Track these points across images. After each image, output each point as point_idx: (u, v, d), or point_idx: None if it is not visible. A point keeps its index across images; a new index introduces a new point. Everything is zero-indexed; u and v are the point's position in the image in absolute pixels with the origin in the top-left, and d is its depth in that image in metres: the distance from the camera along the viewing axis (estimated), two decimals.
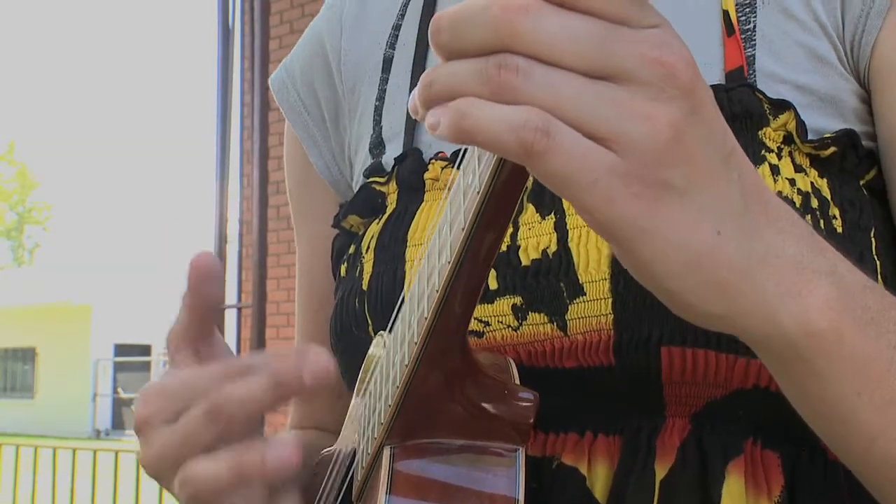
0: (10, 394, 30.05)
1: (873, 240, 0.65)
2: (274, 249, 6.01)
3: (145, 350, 28.34)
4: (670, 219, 0.45)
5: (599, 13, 0.44)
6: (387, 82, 0.83)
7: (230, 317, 6.19)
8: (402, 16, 0.84)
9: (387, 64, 0.83)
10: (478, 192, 0.50)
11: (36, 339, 29.23)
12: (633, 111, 0.44)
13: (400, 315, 0.63)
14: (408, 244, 0.73)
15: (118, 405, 28.11)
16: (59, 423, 26.53)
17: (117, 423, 27.73)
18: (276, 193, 5.46)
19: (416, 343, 0.57)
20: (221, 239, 5.84)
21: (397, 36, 0.84)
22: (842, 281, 0.50)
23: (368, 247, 0.76)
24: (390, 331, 0.65)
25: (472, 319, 0.59)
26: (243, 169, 6.15)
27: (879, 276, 0.64)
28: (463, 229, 0.51)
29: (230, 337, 5.97)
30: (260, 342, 5.67)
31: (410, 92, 0.78)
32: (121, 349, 28.32)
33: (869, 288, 0.52)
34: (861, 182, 0.66)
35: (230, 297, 6.07)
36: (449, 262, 0.53)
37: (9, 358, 30.23)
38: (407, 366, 0.58)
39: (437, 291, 0.54)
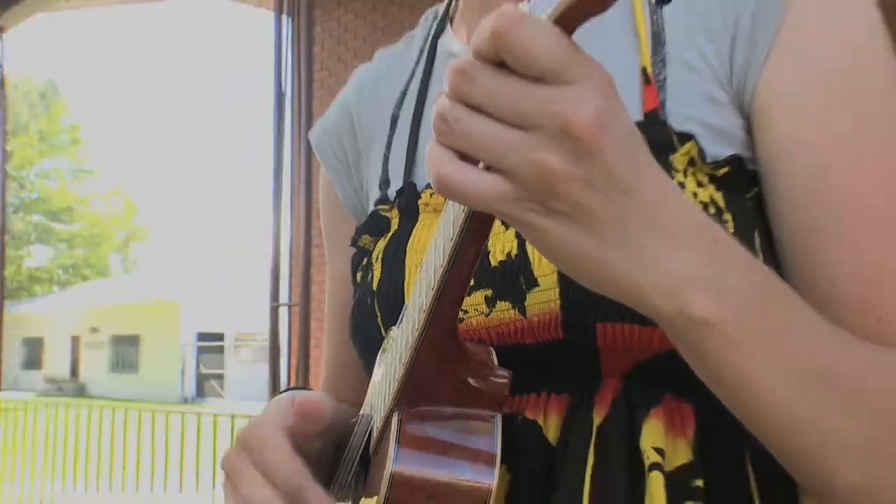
0: (121, 370, 30.12)
1: (757, 237, 0.64)
2: (316, 260, 6.02)
3: (220, 337, 28.35)
4: (558, 228, 0.46)
5: (524, 72, 0.44)
6: (393, 136, 0.83)
7: (283, 312, 6.18)
8: (408, 83, 0.84)
9: (394, 121, 0.83)
10: (461, 217, 0.50)
11: (139, 328, 29.31)
12: (530, 157, 0.44)
13: (405, 311, 0.63)
14: (407, 254, 0.73)
15: (200, 379, 28.19)
16: (156, 392, 26.58)
17: (200, 392, 27.81)
18: (317, 218, 5.47)
19: (418, 330, 0.57)
20: (276, 252, 5.87)
21: (403, 100, 0.84)
22: (725, 283, 0.50)
23: (378, 258, 0.76)
24: (399, 324, 0.65)
25: None
26: (293, 199, 6.15)
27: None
28: (452, 240, 0.52)
29: (283, 328, 5.95)
30: (305, 332, 5.66)
31: (409, 142, 0.79)
32: (202, 336, 28.36)
33: (758, 287, 0.52)
34: (747, 196, 0.65)
35: (283, 296, 6.05)
36: (442, 267, 0.53)
37: (120, 343, 30.30)
38: (411, 349, 0.58)
39: (433, 289, 0.54)
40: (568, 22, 0.44)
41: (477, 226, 0.51)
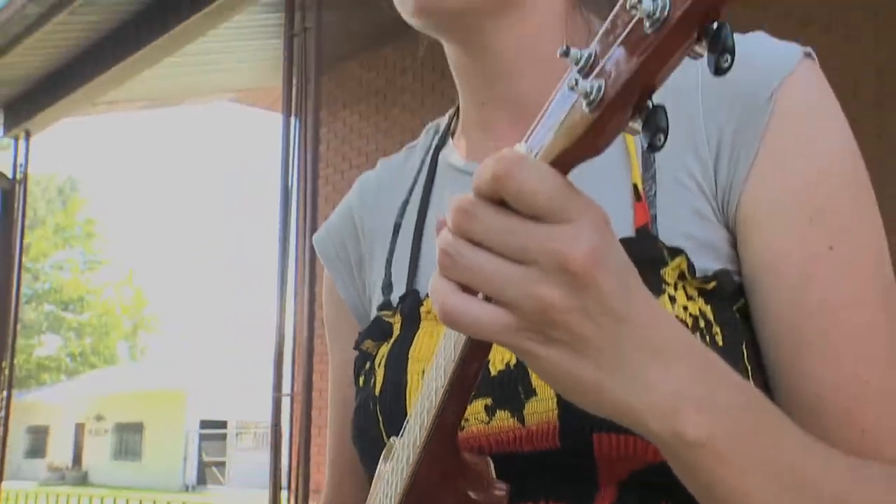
0: (124, 457, 29.61)
1: (745, 350, 0.64)
2: (319, 349, 5.96)
3: (222, 424, 27.96)
4: (556, 356, 0.47)
5: (523, 211, 0.46)
6: (395, 242, 0.83)
7: (285, 402, 6.10)
8: (410, 193, 0.85)
9: (396, 229, 0.84)
10: (462, 340, 0.51)
11: (144, 416, 28.93)
12: (529, 291, 0.46)
13: (407, 423, 0.62)
14: (409, 361, 0.72)
15: (202, 466, 27.69)
16: (158, 479, 26.07)
17: (201, 480, 27.28)
18: (320, 308, 5.45)
19: (419, 446, 0.57)
20: (280, 343, 5.81)
21: (405, 209, 0.84)
22: (715, 402, 0.50)
23: (380, 363, 0.75)
24: (400, 435, 0.64)
25: None
26: (297, 291, 6.14)
27: (750, 377, 0.64)
28: (453, 361, 0.52)
29: (285, 417, 5.87)
30: (306, 421, 5.57)
31: (411, 250, 0.80)
32: (204, 423, 27.96)
33: (747, 407, 0.52)
34: (734, 307, 0.66)
35: (286, 386, 5.98)
36: (443, 388, 0.53)
37: (123, 430, 29.86)
38: (412, 463, 0.58)
39: (434, 408, 0.54)
40: (563, 163, 0.46)
41: (477, 348, 0.51)
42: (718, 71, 0.42)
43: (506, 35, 0.74)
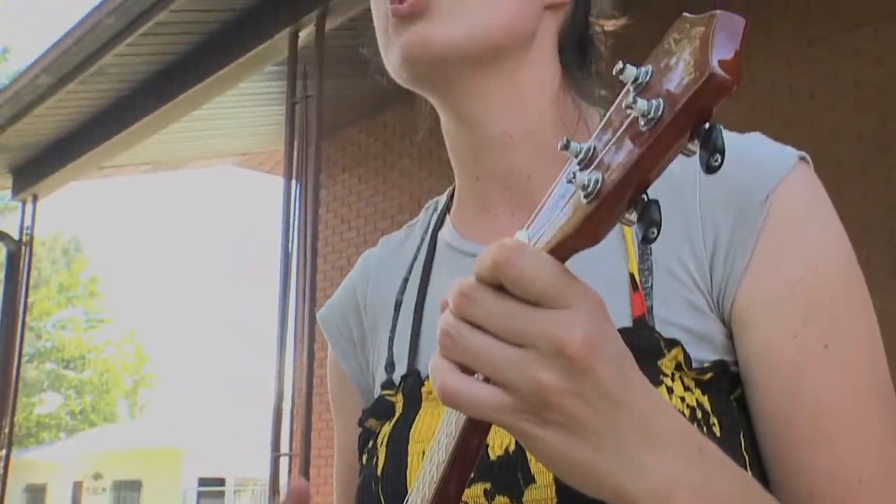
0: None
1: (742, 440, 0.64)
2: (317, 408, 5.91)
3: (221, 482, 27.47)
4: (553, 437, 0.47)
5: (523, 297, 0.47)
6: (397, 319, 0.83)
7: (283, 461, 6.01)
8: (410, 271, 0.86)
9: (397, 306, 0.84)
10: (463, 418, 0.52)
11: (142, 474, 28.41)
12: (526, 373, 0.46)
13: (408, 500, 0.61)
14: (410, 441, 0.73)
15: None
16: None
17: None
18: (319, 367, 5.43)
19: None
20: (278, 402, 5.75)
21: (405, 286, 0.85)
22: (710, 489, 0.50)
23: (382, 442, 0.75)
24: None
25: None
26: (296, 351, 6.11)
27: (748, 466, 0.63)
28: (454, 438, 0.52)
29: (283, 475, 5.77)
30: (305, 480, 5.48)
31: (412, 328, 0.80)
32: (202, 481, 27.46)
33: (743, 496, 0.52)
34: (732, 397, 0.66)
35: (284, 445, 5.91)
36: (444, 463, 0.53)
37: (121, 488, 29.27)
38: None
39: (436, 483, 0.55)
40: (562, 252, 0.47)
41: (477, 426, 0.52)
42: (710, 169, 0.44)
43: (495, 104, 0.75)
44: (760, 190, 0.66)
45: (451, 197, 0.88)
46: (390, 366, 0.81)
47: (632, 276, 0.68)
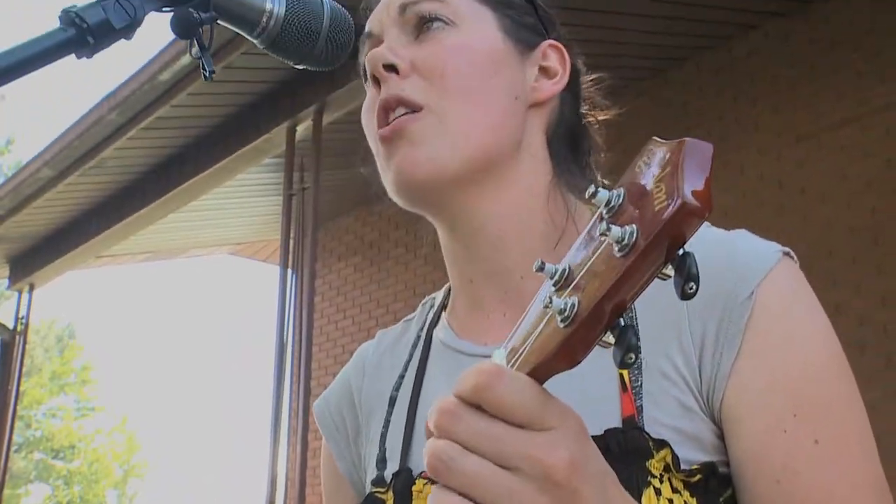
0: None
1: None
2: (310, 500, 5.77)
3: None
4: None
5: (507, 419, 0.48)
6: (391, 415, 0.83)
7: None
8: (406, 367, 0.85)
9: (392, 402, 0.84)
10: None
11: None
12: (512, 495, 0.47)
13: None
14: None
15: None
16: None
17: None
18: (312, 458, 5.33)
19: None
20: (272, 489, 5.64)
21: (401, 383, 0.84)
22: None
23: None
24: None
25: None
26: (290, 438, 6.01)
27: None
28: None
29: None
30: None
31: (406, 425, 0.80)
32: None
33: None
34: (721, 499, 0.65)
35: None
36: None
37: None
38: None
39: None
40: (540, 375, 0.48)
41: None
42: (684, 296, 0.44)
43: (488, 213, 0.76)
44: (745, 286, 0.67)
45: (448, 294, 0.88)
46: (382, 462, 0.80)
47: (621, 375, 0.69)
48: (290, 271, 5.96)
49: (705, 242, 0.69)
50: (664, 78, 5.16)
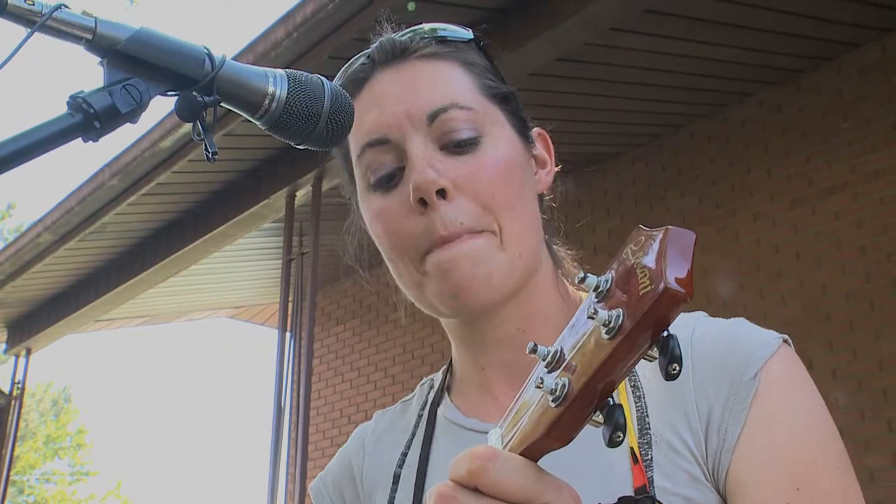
0: None
1: None
2: None
3: None
4: None
5: (504, 499, 0.49)
6: (395, 492, 0.83)
7: None
8: (409, 446, 0.86)
9: (396, 479, 0.84)
10: None
11: None
12: None
13: None
14: None
15: None
16: None
17: None
18: None
19: None
20: None
21: (404, 461, 0.84)
22: None
23: None
24: None
25: None
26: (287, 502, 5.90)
27: None
28: None
29: None
30: None
31: (413, 502, 0.79)
32: None
33: None
34: None
35: None
36: None
37: None
38: None
39: None
40: (533, 453, 0.49)
41: None
42: (668, 377, 0.46)
43: (518, 314, 0.78)
44: (750, 367, 0.71)
45: (446, 373, 0.88)
46: None
47: (632, 448, 0.71)
48: (288, 335, 5.94)
49: (709, 331, 0.74)
50: (659, 144, 5.22)
